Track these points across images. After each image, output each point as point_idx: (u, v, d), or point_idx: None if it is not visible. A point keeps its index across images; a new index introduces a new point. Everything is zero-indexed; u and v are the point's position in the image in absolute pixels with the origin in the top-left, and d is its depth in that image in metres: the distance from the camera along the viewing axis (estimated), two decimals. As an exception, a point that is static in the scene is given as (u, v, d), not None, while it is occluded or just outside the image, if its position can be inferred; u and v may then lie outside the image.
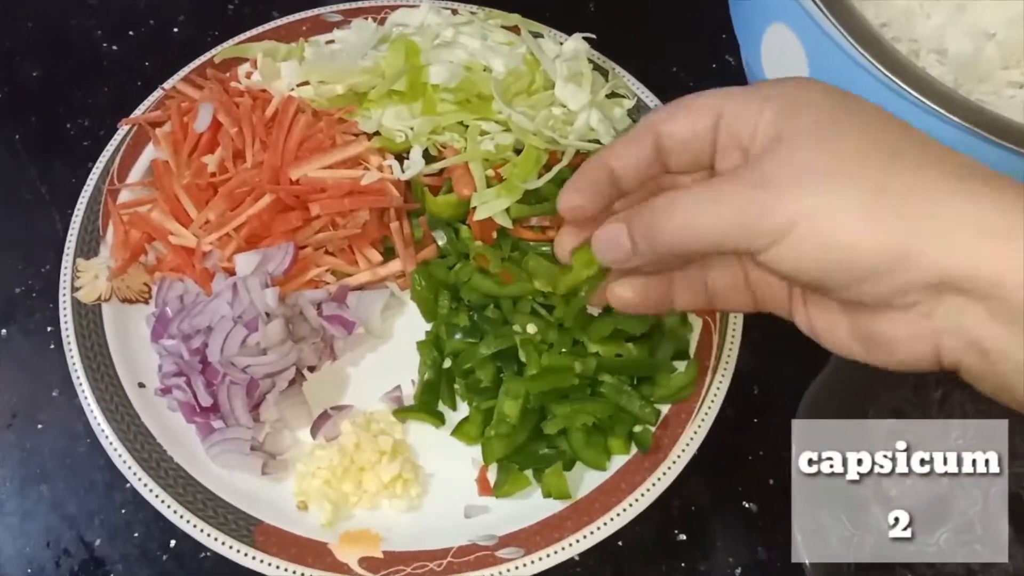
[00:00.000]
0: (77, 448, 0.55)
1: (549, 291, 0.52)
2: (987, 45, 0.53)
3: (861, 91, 0.36)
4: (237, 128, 0.58)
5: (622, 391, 0.52)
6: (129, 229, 0.57)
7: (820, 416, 0.51)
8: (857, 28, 0.50)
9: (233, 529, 0.49)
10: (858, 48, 0.49)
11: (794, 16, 0.53)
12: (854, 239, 0.32)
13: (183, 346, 0.52)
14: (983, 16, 0.54)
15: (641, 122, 0.39)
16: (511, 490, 0.51)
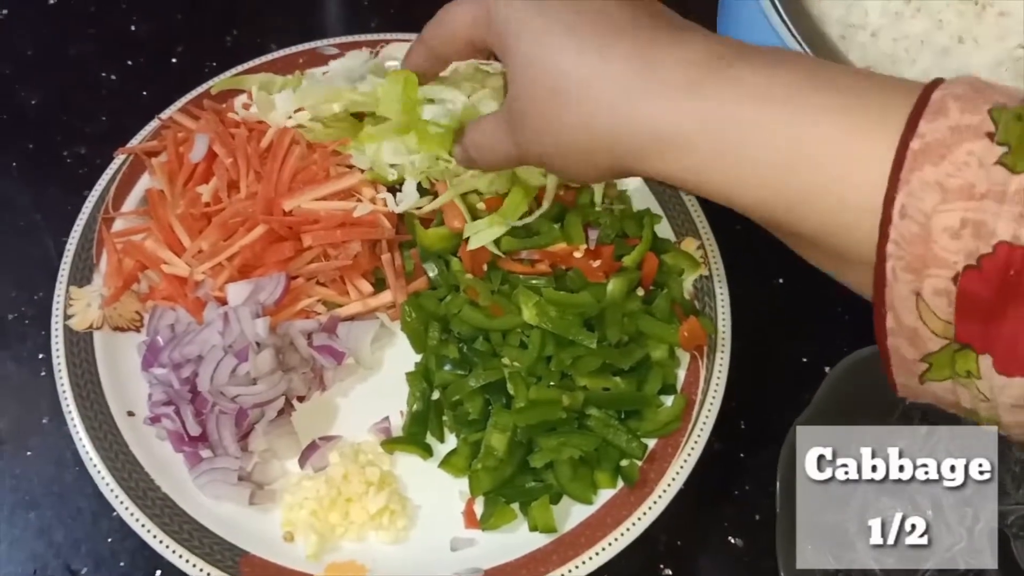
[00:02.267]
0: (65, 476, 0.55)
1: (539, 324, 0.53)
2: (970, 89, 0.54)
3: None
4: (232, 159, 0.58)
5: (609, 425, 0.53)
6: (123, 257, 0.57)
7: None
8: (842, 70, 0.51)
9: (219, 560, 0.49)
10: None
11: (780, 55, 0.54)
12: (590, 179, 0.43)
13: (173, 375, 0.53)
14: (968, 60, 0.56)
15: (418, 38, 0.47)
16: (497, 523, 0.51)
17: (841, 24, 0.57)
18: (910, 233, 0.30)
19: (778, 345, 0.61)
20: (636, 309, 0.55)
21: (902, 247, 0.30)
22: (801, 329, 0.62)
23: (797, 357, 0.60)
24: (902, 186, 0.30)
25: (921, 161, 0.30)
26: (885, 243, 0.30)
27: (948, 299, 0.30)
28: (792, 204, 0.34)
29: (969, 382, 0.31)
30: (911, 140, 0.30)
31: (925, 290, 0.30)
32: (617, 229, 0.58)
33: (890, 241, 0.30)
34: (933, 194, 0.29)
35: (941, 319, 0.30)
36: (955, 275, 0.29)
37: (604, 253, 0.56)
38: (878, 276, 0.31)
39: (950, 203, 0.29)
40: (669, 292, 0.56)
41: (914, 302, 0.31)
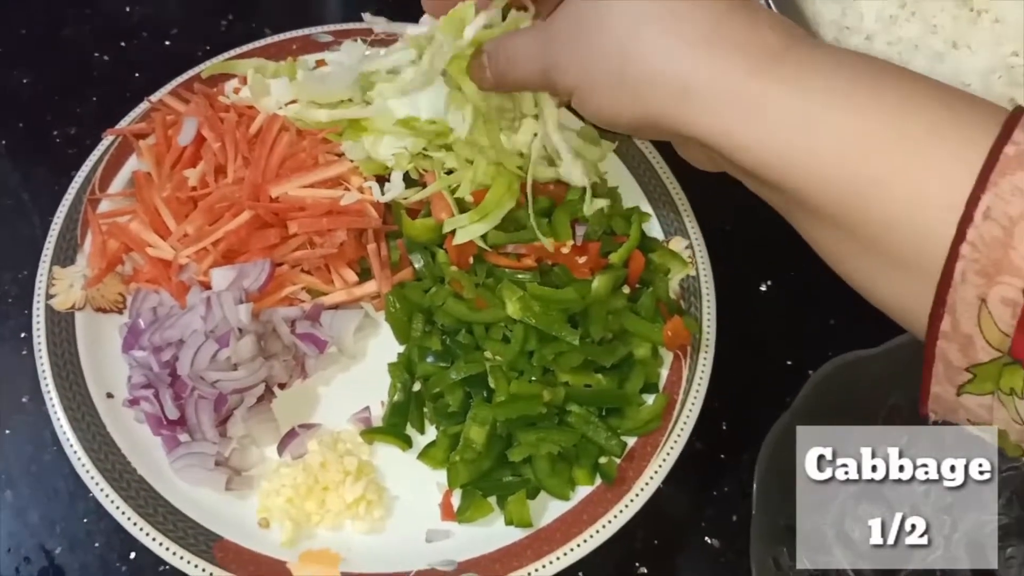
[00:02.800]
0: (43, 456, 0.55)
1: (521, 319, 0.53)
2: (962, 95, 0.53)
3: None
4: (220, 143, 0.58)
5: (589, 422, 0.52)
6: (107, 239, 0.57)
7: (782, 456, 0.51)
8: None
9: (192, 544, 0.49)
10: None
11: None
12: (612, 117, 0.41)
13: (153, 358, 0.53)
14: (961, 66, 0.55)
15: None
16: (474, 516, 0.51)
17: (836, 26, 0.56)
18: (990, 236, 0.29)
19: (762, 348, 0.61)
20: (621, 307, 0.55)
21: (978, 249, 0.29)
22: (786, 333, 0.62)
23: (781, 360, 0.60)
24: (990, 187, 0.29)
25: (1014, 167, 0.29)
26: (960, 242, 0.30)
27: (1014, 310, 0.29)
28: (863, 188, 0.33)
29: (1009, 400, 0.31)
30: (1005, 145, 0.30)
31: (992, 297, 0.29)
32: (605, 226, 0.57)
33: (966, 241, 0.30)
34: (1022, 200, 0.29)
35: (1000, 330, 0.30)
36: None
37: (591, 249, 0.56)
38: (944, 276, 0.30)
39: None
40: (655, 291, 0.56)
41: (977, 308, 0.30)
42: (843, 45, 0.55)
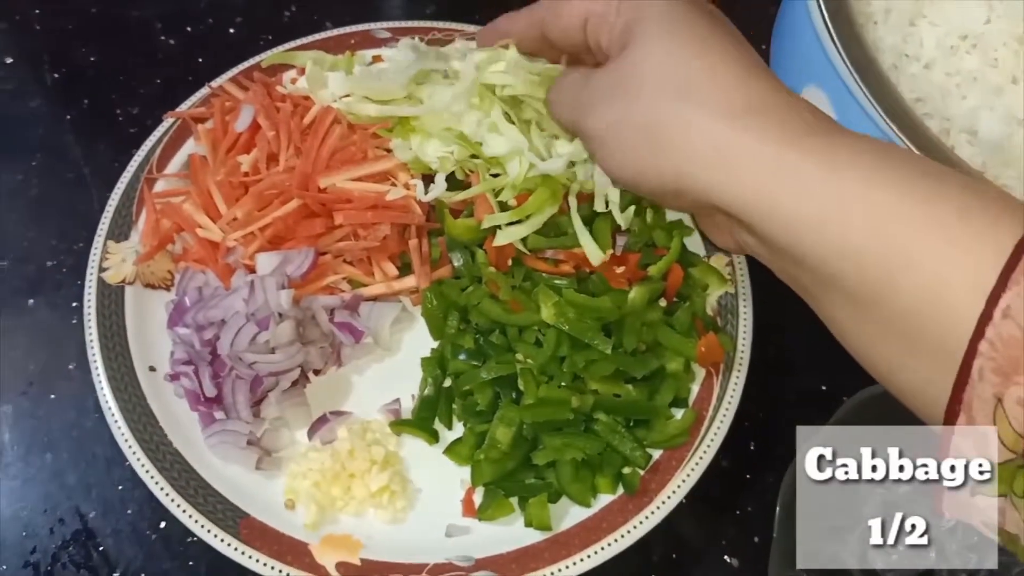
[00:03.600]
0: (85, 422, 0.56)
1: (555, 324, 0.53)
2: (1018, 131, 0.53)
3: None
4: (275, 132, 0.60)
5: (616, 431, 0.53)
6: (161, 218, 0.59)
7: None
8: (889, 101, 0.50)
9: (220, 519, 0.50)
10: (887, 120, 0.50)
11: (829, 81, 0.54)
12: (634, 176, 0.41)
13: (195, 336, 0.54)
14: (1019, 102, 0.54)
15: (532, 10, 0.49)
16: (494, 515, 0.51)
17: (894, 53, 0.56)
18: (1008, 335, 0.29)
19: (797, 371, 0.60)
20: (656, 319, 0.55)
21: (996, 347, 0.29)
22: (822, 358, 0.61)
23: (815, 385, 0.60)
24: (1011, 286, 0.29)
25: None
26: (979, 340, 0.30)
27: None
28: (880, 275, 0.33)
29: (1021, 503, 0.31)
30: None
31: (1008, 397, 0.29)
32: (646, 238, 0.57)
33: (984, 339, 0.30)
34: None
35: (1015, 431, 0.30)
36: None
37: (629, 260, 0.56)
38: (962, 373, 0.30)
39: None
40: (691, 305, 0.56)
41: (993, 406, 0.30)
42: (902, 72, 0.55)
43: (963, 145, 0.54)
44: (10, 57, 0.71)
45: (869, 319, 0.35)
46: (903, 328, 0.33)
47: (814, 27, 0.54)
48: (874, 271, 0.33)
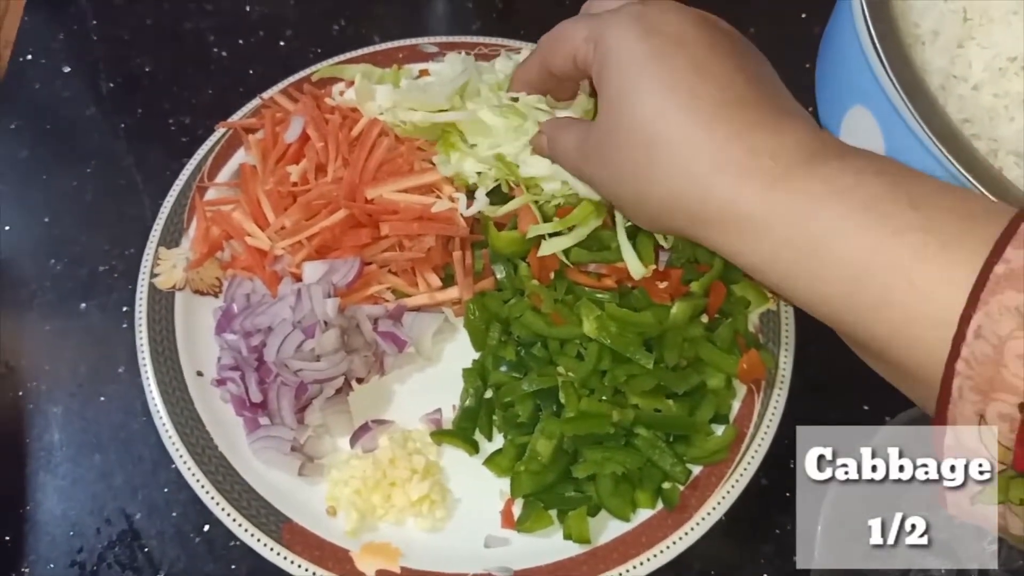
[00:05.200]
0: (132, 424, 0.58)
1: (597, 337, 0.53)
2: (1068, 152, 0.52)
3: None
4: (323, 143, 0.61)
5: (656, 446, 0.53)
6: (211, 225, 0.60)
7: (851, 498, 0.51)
8: (936, 121, 0.50)
9: (262, 523, 0.51)
10: (934, 141, 0.49)
11: (876, 101, 0.53)
12: (641, 223, 0.44)
13: (243, 342, 0.55)
14: (1068, 124, 0.54)
15: (535, 49, 0.50)
16: (533, 527, 0.52)
17: (942, 74, 0.56)
18: (982, 354, 0.30)
19: (839, 390, 0.60)
20: (698, 335, 0.55)
21: (972, 367, 0.30)
22: (864, 377, 0.60)
23: (858, 404, 0.59)
24: (981, 306, 0.30)
25: (1004, 286, 0.30)
26: (955, 360, 0.31)
27: (1011, 425, 0.30)
28: (860, 311, 0.35)
29: (1021, 510, 0.31)
30: (996, 264, 0.30)
31: (989, 413, 0.30)
32: (689, 254, 0.58)
33: (960, 359, 0.30)
34: (1011, 319, 0.29)
35: (1002, 444, 0.30)
36: (1022, 402, 0.29)
37: (672, 276, 0.56)
38: (943, 392, 0.31)
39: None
40: (733, 322, 0.56)
41: (977, 423, 0.31)
42: (949, 93, 0.54)
43: (1011, 167, 0.53)
44: (68, 66, 0.73)
45: (858, 347, 0.38)
46: (886, 360, 0.35)
47: (862, 47, 0.54)
48: (847, 317, 0.35)
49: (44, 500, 0.55)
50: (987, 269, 0.31)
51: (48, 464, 0.56)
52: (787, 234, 0.36)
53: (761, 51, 0.46)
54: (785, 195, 0.36)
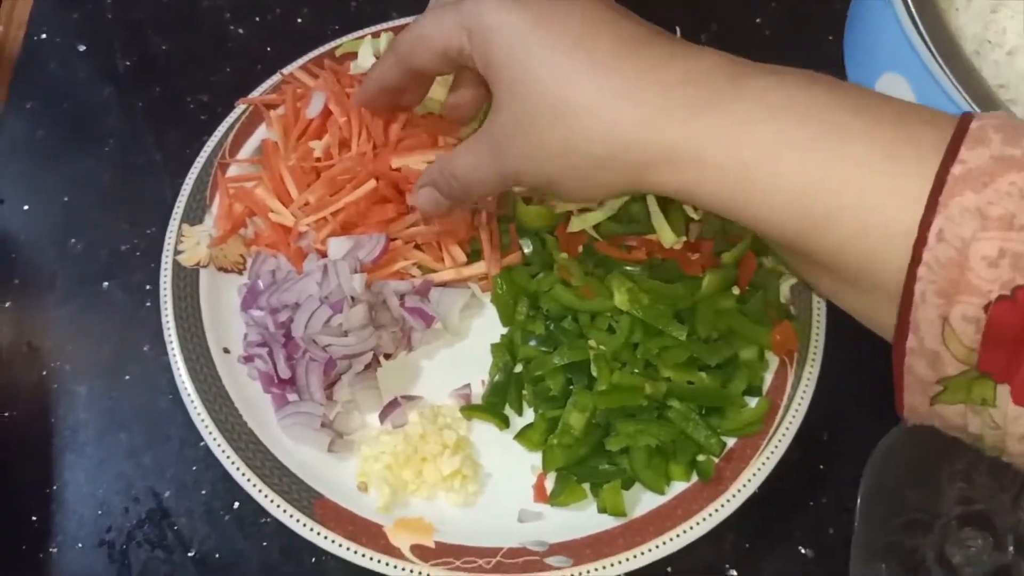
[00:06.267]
0: (159, 403, 0.57)
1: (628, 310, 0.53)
2: (1105, 116, 0.52)
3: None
4: (346, 118, 0.60)
5: (689, 418, 0.52)
6: (233, 202, 0.59)
7: (889, 471, 0.50)
8: (974, 86, 0.49)
9: (295, 499, 0.50)
10: (972, 106, 0.49)
11: (911, 67, 0.53)
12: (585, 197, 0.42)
13: (270, 318, 0.54)
14: (1103, 88, 0.53)
15: (391, 50, 0.47)
16: (567, 500, 0.51)
17: (977, 40, 0.55)
18: (946, 257, 0.30)
19: (870, 361, 0.59)
20: (729, 307, 0.54)
21: (935, 271, 0.30)
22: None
23: (888, 375, 0.59)
24: (941, 210, 0.30)
25: (962, 187, 0.30)
26: (917, 265, 0.30)
27: (976, 326, 0.30)
28: (809, 225, 0.34)
29: (983, 409, 0.32)
30: (952, 165, 0.30)
31: (953, 315, 0.30)
32: (719, 226, 0.57)
33: (923, 264, 0.30)
34: (972, 221, 0.29)
35: (965, 345, 0.30)
36: (987, 304, 0.29)
37: (703, 247, 0.55)
38: (905, 296, 0.31)
39: (989, 231, 0.29)
40: (765, 293, 0.55)
41: (940, 326, 0.31)
42: (984, 59, 0.54)
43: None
44: (83, 45, 0.73)
45: (805, 262, 0.36)
46: (839, 272, 0.34)
47: (896, 14, 0.53)
48: (796, 236, 0.34)
49: (71, 480, 0.55)
50: (944, 171, 0.30)
51: (74, 444, 0.56)
52: (722, 161, 0.35)
53: (783, 27, 0.44)
54: (712, 120, 0.35)
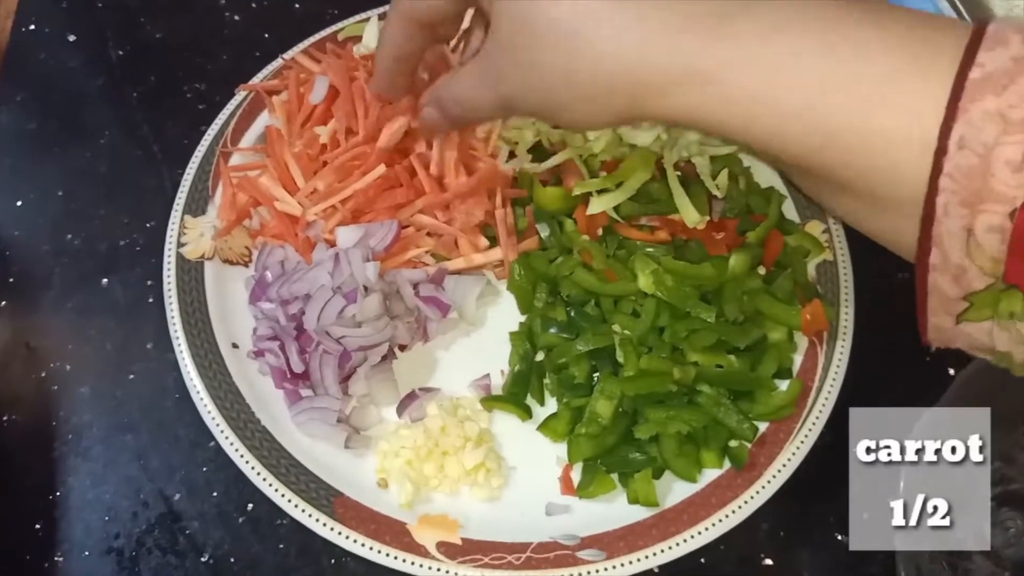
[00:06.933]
0: (165, 402, 0.55)
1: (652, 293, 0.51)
2: None
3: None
4: (351, 104, 0.58)
5: (720, 403, 0.50)
6: (237, 192, 0.57)
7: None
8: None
9: (313, 498, 0.48)
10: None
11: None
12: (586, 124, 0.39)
13: (280, 311, 0.52)
14: None
15: (392, 13, 0.44)
16: (595, 492, 0.49)
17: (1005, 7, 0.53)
18: (967, 165, 0.29)
19: (898, 341, 0.57)
20: (756, 287, 0.53)
21: (957, 180, 0.29)
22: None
23: (919, 355, 0.57)
24: (960, 116, 0.29)
25: (982, 91, 0.28)
26: (938, 176, 0.29)
27: (1002, 236, 0.29)
28: (826, 142, 0.32)
29: (1010, 323, 0.31)
30: (970, 70, 0.29)
31: (978, 226, 0.29)
32: (743, 204, 0.55)
33: (944, 174, 0.29)
34: (994, 125, 0.28)
35: (991, 257, 0.29)
36: (1012, 211, 0.28)
37: (728, 226, 0.54)
38: (927, 211, 0.30)
39: (1012, 135, 0.28)
40: (792, 273, 0.54)
41: (964, 238, 0.30)
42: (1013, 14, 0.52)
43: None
44: (73, 35, 0.70)
45: (822, 184, 0.35)
46: (857, 191, 0.33)
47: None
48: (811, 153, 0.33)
49: (76, 485, 0.52)
50: (962, 77, 0.29)
51: (78, 447, 0.54)
52: (737, 77, 0.33)
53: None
54: (728, 37, 0.33)
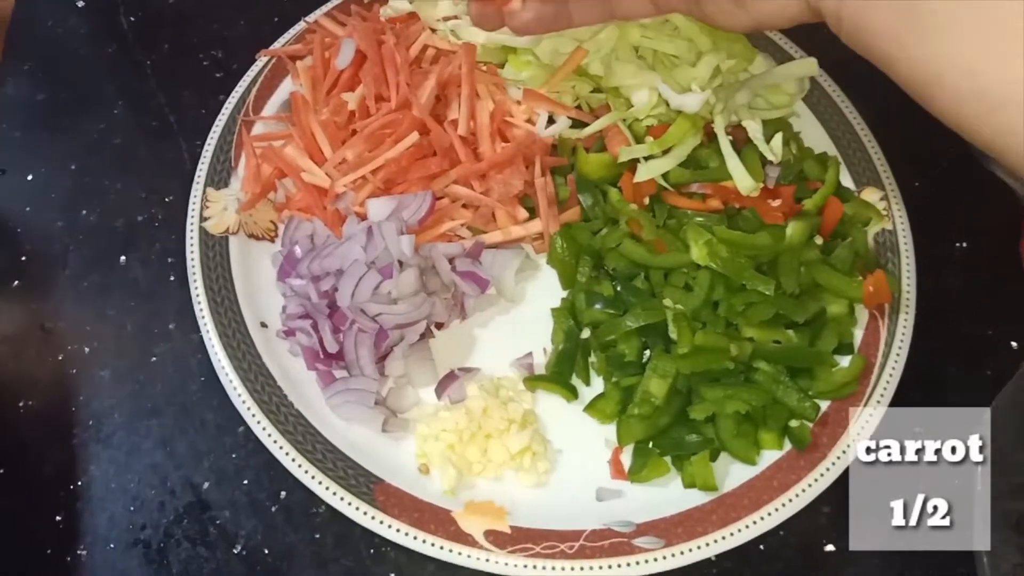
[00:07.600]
0: (190, 385, 0.52)
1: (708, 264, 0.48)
2: None
3: None
4: (380, 68, 0.54)
5: (779, 381, 0.48)
6: (261, 163, 0.54)
7: (1000, 433, 0.46)
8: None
9: (352, 485, 0.45)
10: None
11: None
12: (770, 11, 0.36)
13: (312, 287, 0.49)
14: None
15: None
16: (648, 476, 0.47)
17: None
18: None
19: (958, 314, 0.55)
20: (814, 258, 0.50)
21: None
22: (984, 299, 0.56)
23: (981, 329, 0.54)
24: None
25: None
26: None
27: None
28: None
29: None
30: None
31: None
32: (796, 170, 0.52)
33: None
34: None
35: None
36: None
37: (784, 193, 0.51)
38: None
39: None
40: (852, 243, 0.51)
41: None
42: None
43: None
44: (81, 1, 0.67)
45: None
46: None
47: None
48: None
49: (98, 474, 0.50)
50: None
51: (99, 433, 0.51)
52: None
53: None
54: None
